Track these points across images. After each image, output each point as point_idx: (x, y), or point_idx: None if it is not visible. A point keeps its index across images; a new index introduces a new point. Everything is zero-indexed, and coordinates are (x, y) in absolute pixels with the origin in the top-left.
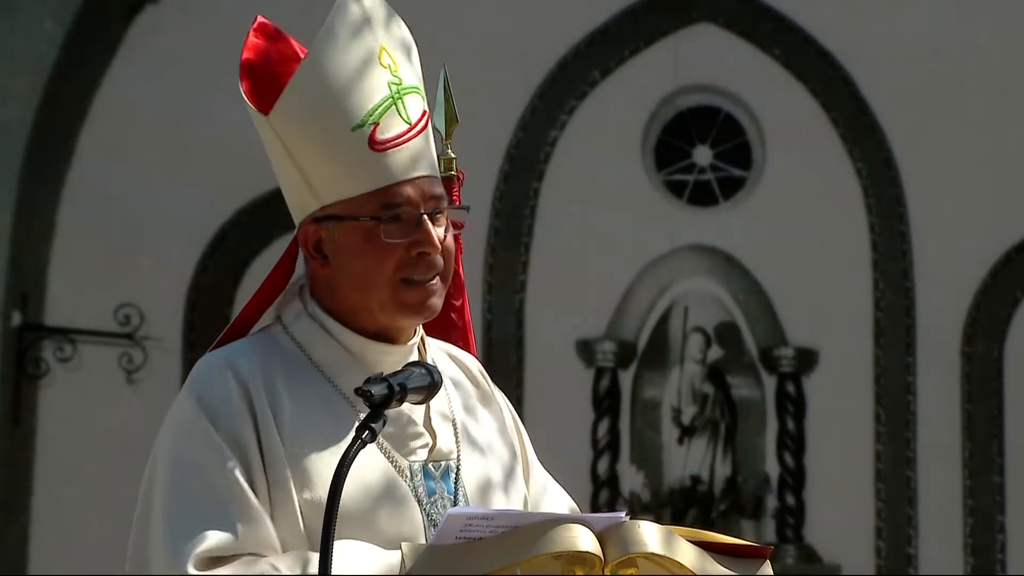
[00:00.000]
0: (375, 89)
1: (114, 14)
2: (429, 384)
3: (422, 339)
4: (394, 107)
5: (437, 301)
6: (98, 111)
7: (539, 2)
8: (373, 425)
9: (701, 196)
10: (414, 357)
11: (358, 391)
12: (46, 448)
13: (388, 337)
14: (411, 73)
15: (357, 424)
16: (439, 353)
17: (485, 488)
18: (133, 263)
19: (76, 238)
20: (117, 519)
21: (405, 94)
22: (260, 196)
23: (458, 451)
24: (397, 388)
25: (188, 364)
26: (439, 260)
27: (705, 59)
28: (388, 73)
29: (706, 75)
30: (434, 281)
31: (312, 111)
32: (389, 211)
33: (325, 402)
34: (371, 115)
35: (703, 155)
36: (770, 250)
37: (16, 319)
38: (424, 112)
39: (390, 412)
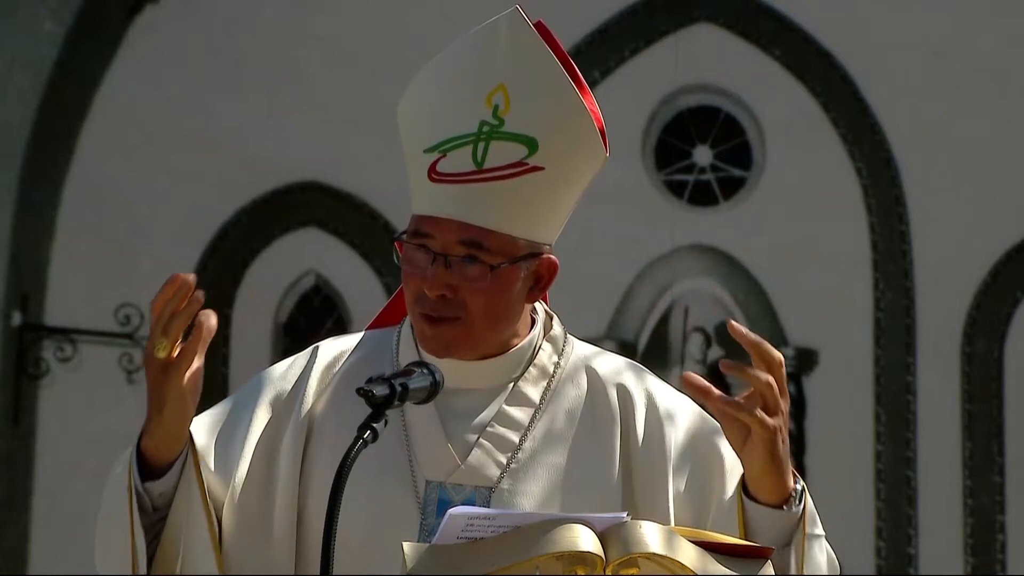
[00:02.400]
0: (462, 122)
1: (114, 14)
2: (430, 384)
3: (536, 347)
4: (471, 146)
5: (454, 342)
6: (98, 111)
7: (539, 2)
8: (375, 425)
9: (701, 196)
10: (503, 374)
11: (359, 391)
12: (46, 448)
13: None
14: (527, 123)
15: (360, 424)
16: (579, 368)
17: None
18: (133, 263)
19: (76, 238)
20: None
21: (495, 138)
22: (260, 196)
23: (499, 479)
24: (398, 388)
25: None
26: (451, 303)
27: (705, 59)
28: (488, 112)
29: (706, 75)
30: (445, 323)
31: (413, 117)
32: (414, 239)
33: None
34: (444, 144)
35: (703, 155)
36: (770, 250)
37: (16, 319)
38: (519, 164)
39: (428, 423)
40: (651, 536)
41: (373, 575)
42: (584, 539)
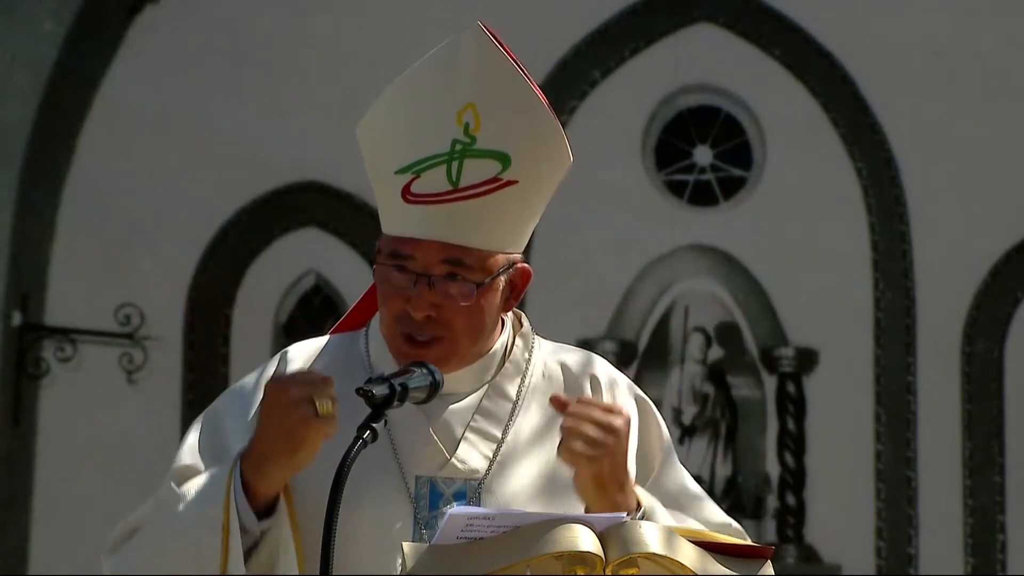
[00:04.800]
0: (433, 142)
1: (114, 14)
2: (430, 384)
3: (508, 345)
4: (444, 166)
5: (437, 362)
6: (98, 111)
7: (539, 2)
8: (375, 425)
9: (701, 196)
10: (480, 376)
11: (359, 391)
12: (46, 448)
13: None
14: (498, 139)
15: (359, 424)
16: (550, 362)
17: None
18: (133, 263)
19: (76, 238)
20: (117, 519)
21: (468, 156)
22: (260, 196)
23: (488, 472)
24: (398, 388)
25: (188, 364)
26: (436, 323)
27: (705, 59)
28: (459, 131)
29: (706, 75)
30: (431, 344)
31: (378, 139)
32: (392, 260)
33: (359, 401)
34: (416, 165)
35: (703, 155)
36: (770, 250)
37: (16, 319)
38: (493, 180)
39: (412, 420)
40: (651, 536)
41: (372, 575)
42: (584, 539)
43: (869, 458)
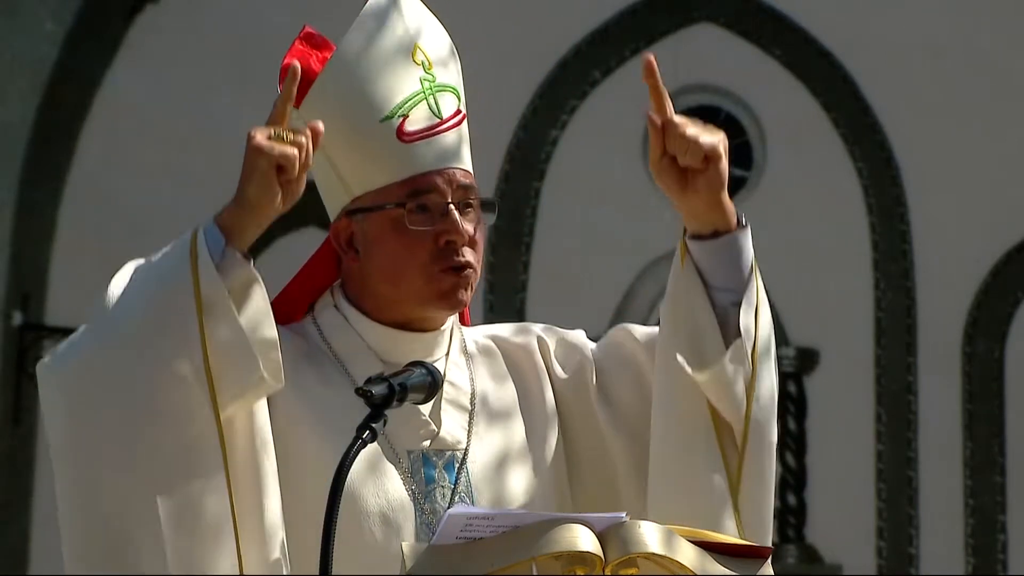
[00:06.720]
0: (406, 83)
1: (115, 14)
2: (430, 383)
3: (452, 328)
4: (425, 101)
5: (467, 294)
6: (98, 111)
7: (539, 2)
8: (374, 425)
9: None
10: (441, 346)
11: (358, 391)
12: (46, 448)
13: (412, 328)
14: (446, 74)
15: (359, 423)
16: (481, 339)
17: (495, 481)
18: None
19: (76, 238)
20: None
21: (438, 91)
22: None
23: (468, 442)
24: (397, 388)
25: None
26: (468, 252)
27: (705, 59)
28: (421, 70)
29: (706, 75)
30: (466, 271)
31: (341, 103)
32: (415, 199)
33: (332, 389)
34: (400, 107)
35: None
36: (770, 250)
37: (17, 319)
38: (458, 111)
39: None
40: (650, 536)
41: (371, 575)
42: (583, 539)
43: (870, 458)
